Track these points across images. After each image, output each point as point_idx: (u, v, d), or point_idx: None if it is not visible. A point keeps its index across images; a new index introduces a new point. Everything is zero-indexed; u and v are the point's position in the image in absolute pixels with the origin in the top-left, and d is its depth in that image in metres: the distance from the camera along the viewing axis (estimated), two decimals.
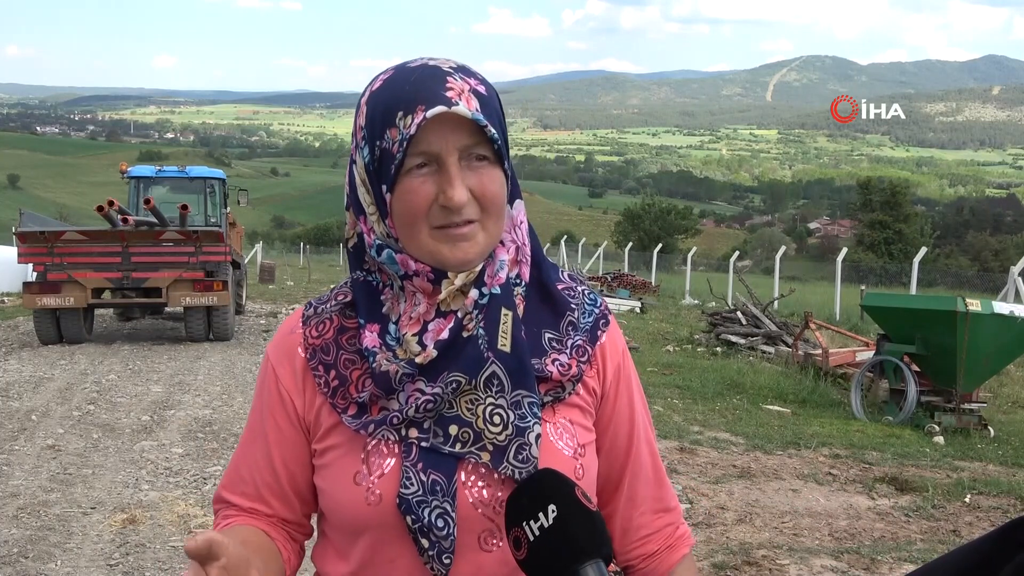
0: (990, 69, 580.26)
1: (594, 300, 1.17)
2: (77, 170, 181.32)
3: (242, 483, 1.16)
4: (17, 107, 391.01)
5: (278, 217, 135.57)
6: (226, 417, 7.65)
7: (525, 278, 1.11)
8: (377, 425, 1.05)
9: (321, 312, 1.15)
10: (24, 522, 4.90)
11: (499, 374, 1.05)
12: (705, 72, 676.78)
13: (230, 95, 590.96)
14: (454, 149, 1.00)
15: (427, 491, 1.03)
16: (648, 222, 58.31)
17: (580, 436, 1.12)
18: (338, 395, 1.09)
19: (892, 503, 5.71)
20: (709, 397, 9.26)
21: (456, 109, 0.98)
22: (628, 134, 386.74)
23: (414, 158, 1.00)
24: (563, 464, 1.07)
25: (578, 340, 1.12)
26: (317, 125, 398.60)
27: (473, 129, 1.00)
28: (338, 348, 1.11)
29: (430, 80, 1.00)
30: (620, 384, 1.17)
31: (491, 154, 1.03)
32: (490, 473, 1.05)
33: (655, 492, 1.22)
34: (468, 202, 1.01)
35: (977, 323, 7.94)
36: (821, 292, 20.78)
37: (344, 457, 1.08)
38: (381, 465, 1.05)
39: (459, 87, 1.00)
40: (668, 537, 1.22)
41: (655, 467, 1.22)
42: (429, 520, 1.03)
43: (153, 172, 15.34)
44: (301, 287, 25.11)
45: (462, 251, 1.03)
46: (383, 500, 1.04)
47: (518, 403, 1.04)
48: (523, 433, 1.04)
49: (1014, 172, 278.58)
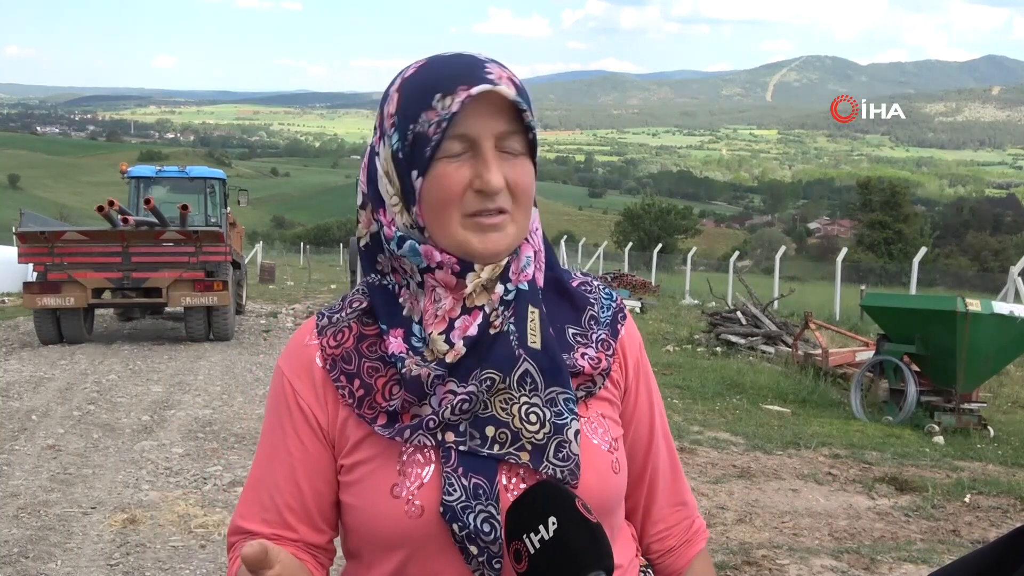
0: (990, 69, 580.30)
1: (610, 295, 1.17)
2: (77, 170, 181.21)
3: (262, 509, 1.09)
4: (17, 107, 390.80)
5: (278, 217, 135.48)
6: (226, 417, 7.65)
7: (539, 283, 1.09)
8: (413, 431, 1.01)
9: (337, 321, 1.10)
10: (24, 522, 4.90)
11: (532, 372, 1.03)
12: (705, 72, 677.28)
13: (230, 95, 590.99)
14: (491, 135, 1.00)
15: (470, 496, 0.99)
16: (648, 222, 58.28)
17: (612, 430, 1.11)
18: (365, 405, 1.05)
19: (892, 503, 5.71)
20: (709, 397, 9.25)
21: (499, 88, 0.98)
22: (628, 134, 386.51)
23: (451, 142, 0.99)
24: (601, 459, 1.06)
25: (601, 334, 1.12)
26: (317, 125, 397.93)
27: (510, 118, 1.00)
28: (360, 356, 1.06)
29: (469, 65, 1.00)
30: (640, 377, 1.17)
31: (524, 148, 1.02)
32: (530, 473, 1.02)
33: (672, 486, 1.22)
34: (502, 190, 1.00)
35: (977, 323, 7.94)
36: (821, 292, 20.77)
37: (378, 470, 1.04)
38: (419, 475, 1.01)
39: (499, 72, 1.00)
40: (685, 531, 1.23)
41: (672, 461, 1.23)
42: (475, 526, 0.98)
43: (153, 172, 15.36)
44: (301, 287, 25.10)
45: (492, 242, 1.01)
46: (425, 511, 1.00)
47: (553, 400, 1.02)
48: (561, 430, 1.02)
49: (1014, 172, 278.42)
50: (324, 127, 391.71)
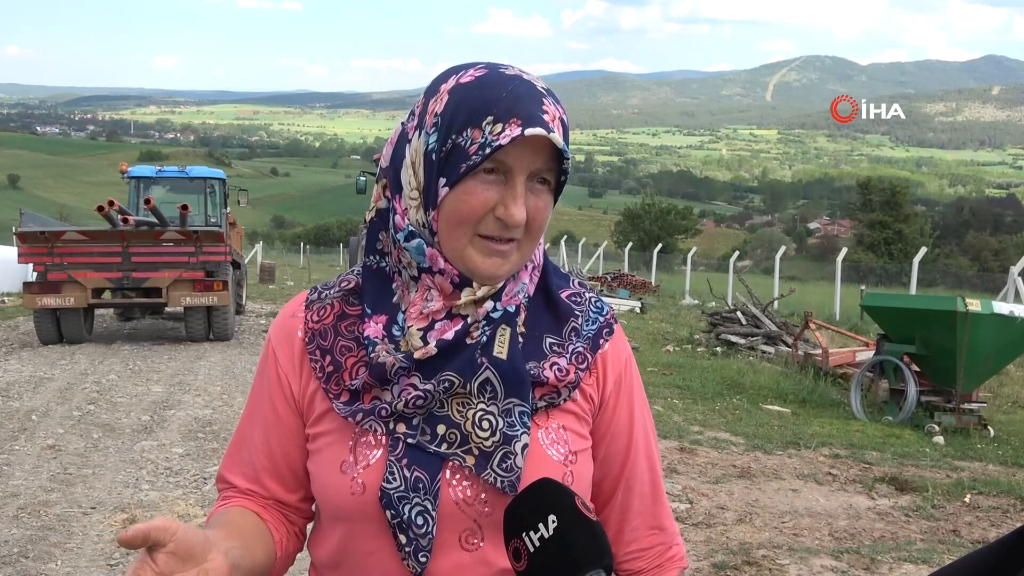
0: (990, 69, 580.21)
1: (600, 308, 1.16)
2: (77, 170, 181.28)
3: (241, 464, 1.18)
4: (17, 107, 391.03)
5: (278, 217, 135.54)
6: (226, 417, 7.65)
7: (531, 291, 1.11)
8: (366, 415, 1.06)
9: (324, 297, 1.15)
10: (24, 522, 4.90)
11: (493, 380, 1.04)
12: (705, 72, 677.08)
13: (230, 95, 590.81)
14: (527, 169, 1.01)
15: (409, 487, 1.03)
16: (648, 222, 58.24)
17: (573, 443, 1.10)
18: (332, 381, 1.09)
19: (892, 503, 5.71)
20: (709, 397, 9.25)
21: (552, 136, 0.98)
22: (628, 134, 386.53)
23: (489, 163, 1.00)
24: (552, 470, 1.06)
25: (579, 346, 1.12)
26: (317, 125, 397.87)
27: (549, 156, 1.01)
28: (336, 334, 1.11)
29: (527, 97, 1.00)
30: (621, 394, 1.16)
31: (551, 181, 1.04)
32: (474, 478, 1.05)
33: (650, 508, 1.19)
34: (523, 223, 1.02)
35: (977, 323, 7.94)
36: (821, 292, 20.77)
37: (333, 444, 1.08)
38: (367, 456, 1.06)
39: (553, 112, 1.00)
40: (658, 556, 1.19)
41: (653, 483, 1.20)
42: (409, 517, 1.03)
43: (153, 172, 15.37)
44: (301, 287, 25.11)
45: (495, 265, 1.03)
46: (366, 491, 1.05)
47: (509, 411, 1.04)
48: (510, 441, 1.03)
49: (1014, 172, 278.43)
50: (324, 127, 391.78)
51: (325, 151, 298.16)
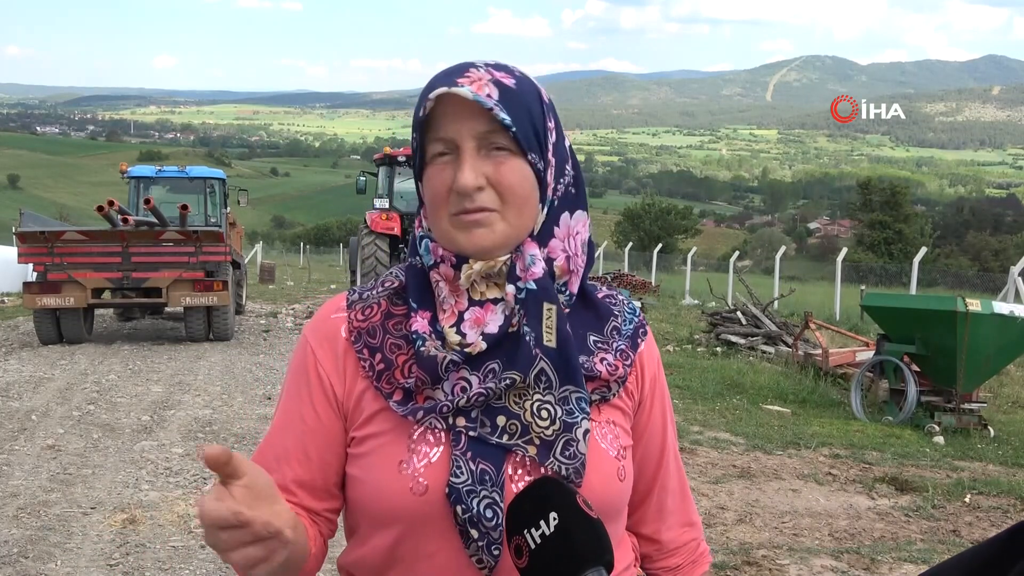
0: (990, 69, 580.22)
1: (633, 309, 1.18)
2: (77, 170, 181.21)
3: (269, 472, 1.11)
4: (17, 107, 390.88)
5: (278, 217, 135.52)
6: (226, 417, 7.65)
7: (573, 289, 1.10)
8: (427, 413, 1.03)
9: (367, 297, 1.13)
10: (24, 522, 4.90)
11: (547, 370, 1.04)
12: (705, 72, 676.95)
13: (230, 95, 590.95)
14: (469, 136, 1.01)
15: (476, 480, 1.01)
16: (648, 222, 58.29)
17: (622, 438, 1.12)
18: (383, 379, 1.07)
19: (892, 503, 5.71)
20: (709, 397, 9.25)
21: (456, 90, 0.99)
22: (628, 134, 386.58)
23: (435, 145, 1.03)
24: (607, 463, 1.07)
25: (621, 344, 1.13)
26: (317, 125, 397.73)
27: (492, 117, 1.00)
28: (385, 332, 1.09)
29: (454, 70, 1.03)
30: (656, 394, 1.18)
31: (512, 145, 1.02)
32: (536, 467, 1.03)
33: (681, 505, 1.23)
34: (484, 189, 1.01)
35: (977, 323, 7.93)
36: (821, 292, 20.77)
37: (389, 445, 1.05)
38: (428, 454, 1.03)
39: (477, 76, 1.01)
40: (691, 552, 1.23)
41: (681, 481, 1.24)
42: (479, 510, 1.00)
43: (153, 172, 15.38)
44: (301, 287, 25.11)
45: (479, 237, 1.03)
46: (430, 490, 1.02)
47: (566, 399, 1.04)
48: (571, 429, 1.03)
49: (1014, 172, 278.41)
50: (324, 127, 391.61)
51: (325, 151, 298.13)
